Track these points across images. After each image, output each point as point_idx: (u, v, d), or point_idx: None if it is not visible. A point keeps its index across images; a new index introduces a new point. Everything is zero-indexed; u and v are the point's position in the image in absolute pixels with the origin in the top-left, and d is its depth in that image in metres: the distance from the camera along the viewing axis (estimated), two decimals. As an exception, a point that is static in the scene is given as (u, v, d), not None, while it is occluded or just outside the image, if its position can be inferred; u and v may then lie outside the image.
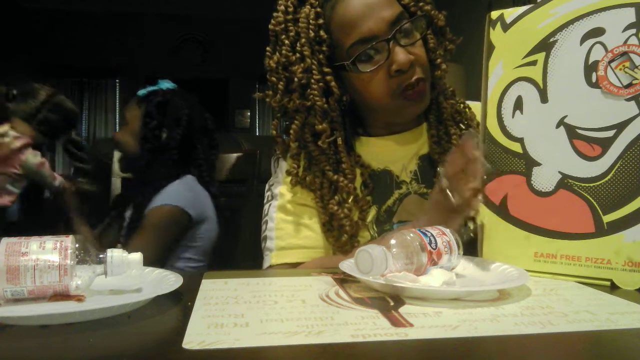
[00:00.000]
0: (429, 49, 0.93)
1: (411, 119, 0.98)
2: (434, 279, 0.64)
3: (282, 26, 0.92)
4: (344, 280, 0.71)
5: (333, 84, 0.90)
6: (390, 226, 0.94)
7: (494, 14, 0.79)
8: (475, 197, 0.76)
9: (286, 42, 0.91)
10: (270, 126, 1.27)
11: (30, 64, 6.09)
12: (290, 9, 0.92)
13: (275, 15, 0.93)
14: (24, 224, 1.88)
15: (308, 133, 0.93)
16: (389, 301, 0.60)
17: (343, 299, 0.62)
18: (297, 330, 0.50)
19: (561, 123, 0.73)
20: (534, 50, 0.75)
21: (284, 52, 0.91)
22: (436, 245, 0.67)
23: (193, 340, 0.47)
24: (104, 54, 6.20)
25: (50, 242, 0.58)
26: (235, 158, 1.84)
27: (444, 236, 0.69)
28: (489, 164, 0.79)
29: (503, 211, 0.77)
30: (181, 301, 0.61)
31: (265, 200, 1.01)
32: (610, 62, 0.70)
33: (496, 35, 0.78)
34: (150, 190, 1.55)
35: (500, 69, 0.78)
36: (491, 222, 0.78)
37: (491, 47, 0.79)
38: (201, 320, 0.53)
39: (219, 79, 6.25)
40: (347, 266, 0.70)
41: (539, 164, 0.75)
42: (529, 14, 0.76)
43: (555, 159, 0.74)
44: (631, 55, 0.68)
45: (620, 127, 0.69)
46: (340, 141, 0.93)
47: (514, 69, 0.77)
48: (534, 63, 0.75)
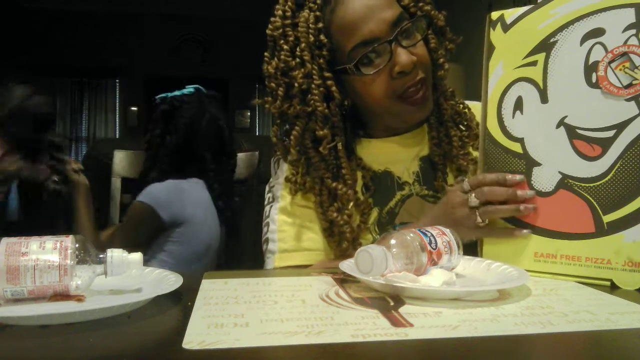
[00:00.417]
0: (430, 49, 0.92)
1: (414, 124, 0.97)
2: (434, 279, 0.64)
3: (280, 31, 0.90)
4: (344, 280, 0.71)
5: (334, 88, 0.89)
6: (392, 228, 0.93)
7: (494, 15, 0.79)
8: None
9: (285, 47, 0.89)
10: (270, 126, 1.26)
11: (30, 64, 6.10)
12: (288, 14, 0.90)
13: (272, 20, 0.92)
14: (24, 223, 1.86)
15: (308, 139, 0.92)
16: (389, 301, 0.60)
17: (343, 299, 0.62)
18: (297, 330, 0.50)
19: (561, 123, 0.73)
20: (534, 51, 0.75)
21: (282, 58, 0.89)
22: (436, 245, 0.67)
23: (193, 340, 0.47)
24: (104, 54, 6.20)
25: (50, 242, 0.58)
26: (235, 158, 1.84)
27: (444, 236, 0.69)
28: (490, 165, 0.79)
29: (503, 211, 0.77)
30: (181, 301, 0.61)
31: (266, 202, 1.00)
32: (610, 62, 0.70)
33: (496, 35, 0.78)
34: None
35: (500, 70, 0.78)
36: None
37: (491, 48, 0.79)
38: (201, 320, 0.53)
39: (219, 79, 6.25)
40: (347, 266, 0.70)
41: (539, 164, 0.75)
42: (529, 14, 0.76)
43: (555, 159, 0.74)
44: (631, 55, 0.68)
45: (620, 127, 0.69)
46: (340, 146, 0.92)
47: (514, 70, 0.77)
48: (534, 63, 0.75)
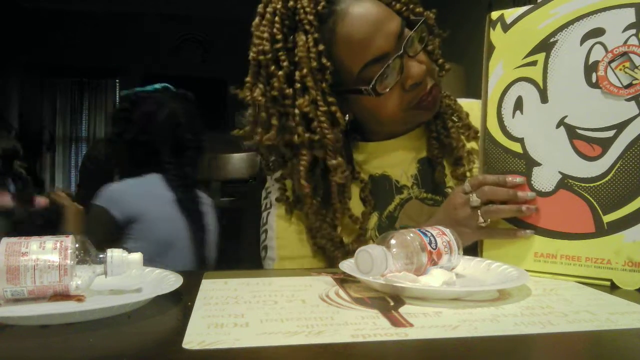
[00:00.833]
0: (429, 51, 0.90)
1: (419, 125, 0.95)
2: (434, 279, 0.64)
3: (270, 56, 0.83)
4: (344, 280, 0.71)
5: (339, 114, 0.84)
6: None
7: (494, 15, 0.79)
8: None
9: (279, 74, 0.82)
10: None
11: (30, 64, 6.10)
12: (278, 37, 0.82)
13: (257, 42, 0.84)
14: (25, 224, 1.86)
15: (319, 168, 0.87)
16: (389, 301, 0.60)
17: (343, 299, 0.62)
18: (297, 330, 0.50)
19: (561, 123, 0.73)
20: (534, 51, 0.75)
21: (276, 85, 0.83)
22: (436, 245, 0.67)
23: (193, 340, 0.47)
24: (104, 54, 6.20)
25: (50, 242, 0.58)
26: (236, 158, 1.84)
27: (444, 236, 0.69)
28: (490, 165, 0.79)
29: (503, 211, 0.77)
30: (181, 301, 0.61)
31: (263, 208, 0.97)
32: (610, 62, 0.70)
33: (496, 35, 0.78)
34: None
35: (500, 69, 0.78)
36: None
37: (491, 48, 0.79)
38: (201, 320, 0.53)
39: (218, 79, 6.25)
40: (347, 266, 0.70)
41: (539, 164, 0.75)
42: (529, 14, 0.76)
43: (555, 159, 0.74)
44: (631, 55, 0.68)
45: (620, 127, 0.69)
46: (333, 187, 0.87)
47: (514, 69, 0.77)
48: (534, 63, 0.75)
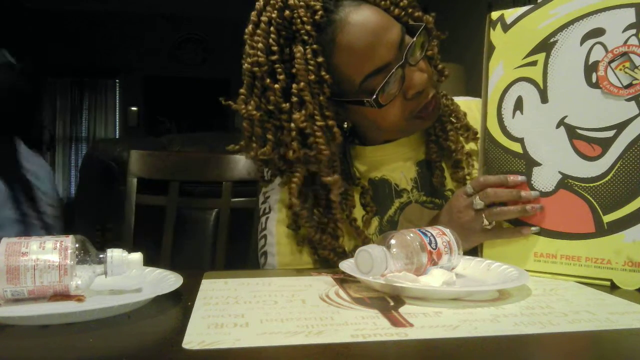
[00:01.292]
0: (429, 57, 0.89)
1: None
2: (434, 279, 0.64)
3: (266, 68, 0.80)
4: (344, 280, 0.71)
5: (336, 129, 0.81)
6: None
7: (494, 15, 0.79)
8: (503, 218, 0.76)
9: (275, 87, 0.79)
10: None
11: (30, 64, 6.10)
12: (274, 48, 0.79)
13: (251, 52, 0.81)
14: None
15: (311, 184, 0.85)
16: (389, 301, 0.60)
17: (343, 299, 0.62)
18: (297, 330, 0.50)
19: (561, 123, 0.73)
20: (534, 51, 0.75)
21: (272, 99, 0.80)
22: (436, 245, 0.67)
23: (193, 340, 0.47)
24: (104, 54, 6.20)
25: (50, 242, 0.58)
26: (242, 159, 1.81)
27: (444, 236, 0.69)
28: (490, 165, 0.79)
29: (503, 211, 0.77)
30: (181, 301, 0.61)
31: (262, 212, 0.94)
32: (611, 62, 0.70)
33: (496, 35, 0.78)
34: None
35: (500, 69, 0.78)
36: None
37: (491, 48, 0.79)
38: (201, 320, 0.53)
39: (219, 79, 6.25)
40: (347, 266, 0.70)
41: (539, 164, 0.75)
42: (529, 14, 0.76)
43: (555, 159, 0.74)
44: (631, 55, 0.68)
45: (620, 127, 0.69)
46: (334, 197, 0.85)
47: (514, 69, 0.77)
48: (534, 63, 0.75)
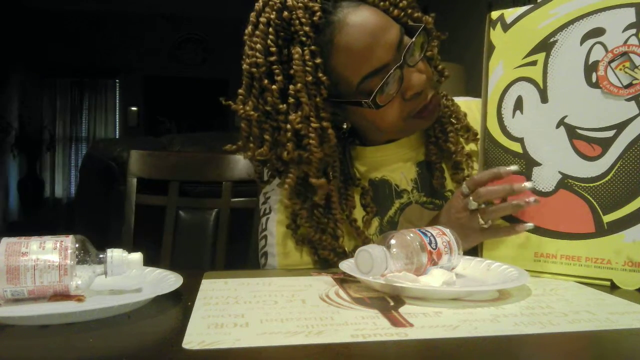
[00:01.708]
0: (428, 57, 0.88)
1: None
2: (434, 279, 0.64)
3: (264, 69, 0.80)
4: (344, 280, 0.71)
5: (330, 131, 0.81)
6: None
7: (494, 14, 0.79)
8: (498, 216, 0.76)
9: (273, 88, 0.79)
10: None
11: (30, 64, 6.10)
12: (272, 49, 0.79)
13: (250, 53, 0.81)
14: (24, 223, 1.86)
15: (303, 186, 0.85)
16: (389, 301, 0.60)
17: (343, 299, 0.62)
18: (297, 330, 0.50)
19: (561, 123, 0.73)
20: (534, 51, 0.75)
21: (269, 100, 0.80)
22: (436, 245, 0.67)
23: (193, 340, 0.47)
24: (104, 54, 6.20)
25: (50, 242, 0.58)
26: (242, 159, 1.81)
27: (444, 236, 0.69)
28: (490, 165, 0.79)
29: (503, 211, 0.77)
30: (181, 301, 0.61)
31: (262, 213, 0.94)
32: (610, 62, 0.70)
33: (496, 35, 0.78)
34: None
35: (500, 69, 0.78)
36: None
37: (491, 47, 0.79)
38: (201, 320, 0.53)
39: (219, 79, 6.25)
40: (347, 266, 0.70)
41: (539, 164, 0.75)
42: (529, 14, 0.76)
43: (555, 159, 0.74)
44: (631, 55, 0.68)
45: (620, 127, 0.69)
46: (335, 197, 0.86)
47: (514, 69, 0.77)
48: (534, 63, 0.75)
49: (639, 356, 0.47)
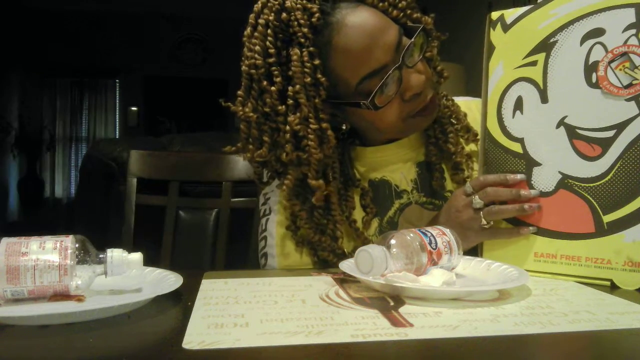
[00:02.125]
0: (427, 58, 0.88)
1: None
2: (434, 279, 0.64)
3: (263, 70, 0.80)
4: (344, 280, 0.71)
5: (329, 132, 0.81)
6: None
7: (494, 15, 0.79)
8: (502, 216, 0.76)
9: (272, 89, 0.79)
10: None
11: (30, 64, 6.10)
12: (271, 51, 0.79)
13: (249, 55, 0.81)
14: (24, 223, 1.86)
15: (301, 187, 0.85)
16: (389, 301, 0.60)
17: (343, 299, 0.62)
18: (297, 330, 0.50)
19: (561, 123, 0.73)
20: (534, 51, 0.75)
21: (268, 101, 0.80)
22: (436, 245, 0.67)
23: (193, 340, 0.47)
24: (104, 54, 6.20)
25: (50, 242, 0.58)
26: (242, 159, 1.81)
27: (444, 236, 0.69)
28: (490, 165, 0.79)
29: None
30: (181, 301, 0.61)
31: (262, 214, 0.94)
32: (610, 62, 0.70)
33: (496, 35, 0.78)
34: None
35: (500, 69, 0.78)
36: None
37: (491, 48, 0.79)
38: (201, 320, 0.53)
39: (219, 79, 6.25)
40: (347, 266, 0.70)
41: (539, 164, 0.75)
42: (529, 14, 0.76)
43: (555, 159, 0.74)
44: (631, 55, 0.68)
45: (620, 127, 0.69)
46: (334, 198, 0.86)
47: (514, 69, 0.77)
48: (534, 63, 0.75)
49: (639, 356, 0.47)
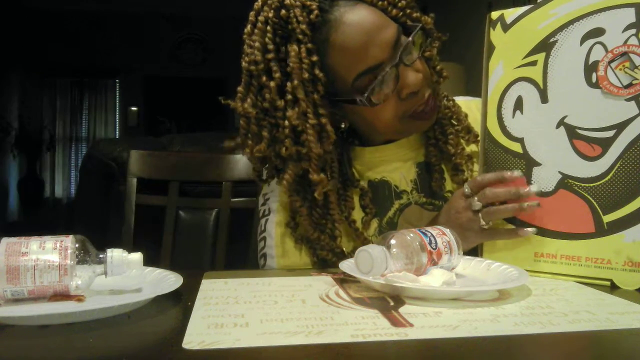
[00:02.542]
0: (426, 57, 0.88)
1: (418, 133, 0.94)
2: (434, 279, 0.64)
3: (262, 66, 0.80)
4: (344, 280, 0.71)
5: (329, 127, 0.81)
6: None
7: (494, 15, 0.79)
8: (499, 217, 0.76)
9: (271, 85, 0.80)
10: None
11: (30, 64, 6.10)
12: (270, 47, 0.80)
13: (249, 51, 0.82)
14: (24, 223, 1.86)
15: (301, 182, 0.86)
16: (389, 301, 0.60)
17: (343, 299, 0.62)
18: (297, 330, 0.50)
19: (561, 123, 0.73)
20: (534, 51, 0.75)
21: (267, 97, 0.80)
22: (436, 245, 0.67)
23: (193, 340, 0.47)
24: (104, 54, 6.20)
25: (50, 242, 0.58)
26: (242, 159, 1.80)
27: (444, 236, 0.69)
28: (490, 165, 0.79)
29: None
30: (181, 301, 0.61)
31: (261, 215, 0.94)
32: (610, 62, 0.70)
33: (496, 35, 0.78)
34: None
35: (500, 69, 0.78)
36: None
37: (491, 48, 0.79)
38: (201, 320, 0.53)
39: (219, 79, 6.25)
40: (347, 266, 0.70)
41: (539, 164, 0.75)
42: (529, 14, 0.76)
43: (555, 159, 0.74)
44: (631, 55, 0.68)
45: (620, 127, 0.69)
46: (333, 197, 0.86)
47: (514, 69, 0.77)
48: (534, 63, 0.75)
49: (639, 356, 0.47)
